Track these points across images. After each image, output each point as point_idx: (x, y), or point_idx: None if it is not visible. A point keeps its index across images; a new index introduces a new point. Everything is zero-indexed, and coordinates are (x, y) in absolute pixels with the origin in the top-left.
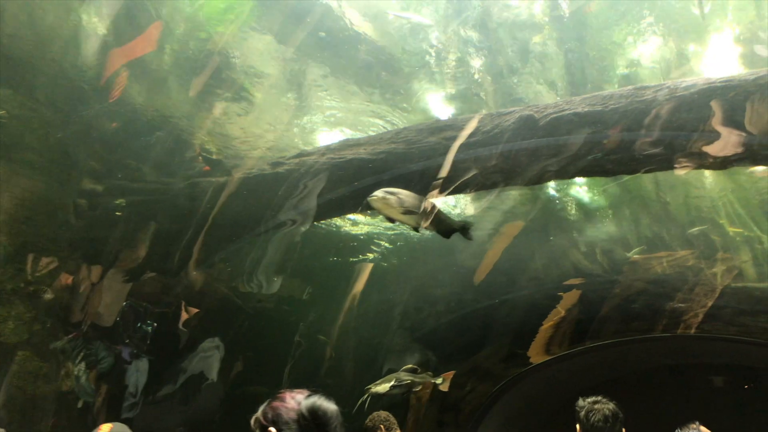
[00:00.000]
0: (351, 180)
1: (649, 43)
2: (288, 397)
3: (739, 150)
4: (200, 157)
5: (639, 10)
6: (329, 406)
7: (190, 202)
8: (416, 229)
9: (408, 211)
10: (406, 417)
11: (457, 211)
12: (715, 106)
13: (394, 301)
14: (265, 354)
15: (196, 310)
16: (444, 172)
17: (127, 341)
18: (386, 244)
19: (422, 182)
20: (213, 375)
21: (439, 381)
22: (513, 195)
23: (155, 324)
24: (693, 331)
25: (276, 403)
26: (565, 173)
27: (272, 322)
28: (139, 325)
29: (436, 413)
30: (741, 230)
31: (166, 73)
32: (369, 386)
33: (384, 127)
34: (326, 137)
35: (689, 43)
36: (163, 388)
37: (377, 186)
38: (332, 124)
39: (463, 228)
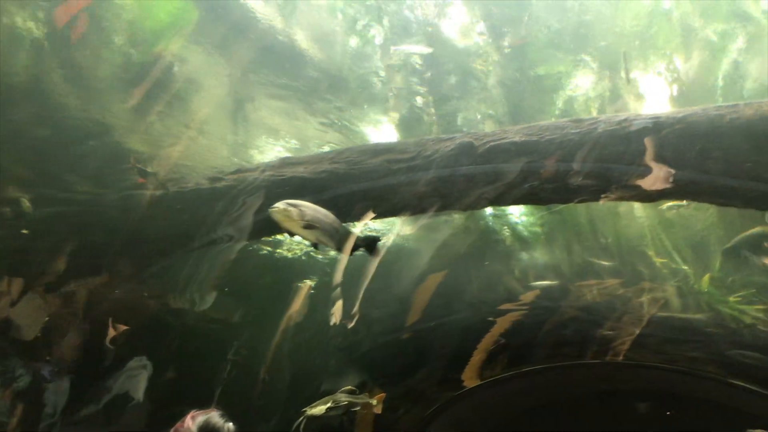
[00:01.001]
0: (290, 198)
1: (585, 78)
2: (188, 418)
3: (668, 185)
4: (135, 169)
5: (574, 45)
6: (221, 425)
7: (122, 215)
8: (315, 246)
9: (309, 226)
10: None
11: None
12: (646, 141)
13: (329, 323)
14: (196, 373)
15: (125, 327)
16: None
17: (47, 358)
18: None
19: (363, 203)
20: (139, 395)
21: (374, 402)
22: (454, 219)
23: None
24: (621, 358)
25: (177, 425)
26: (501, 200)
27: (204, 341)
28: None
29: None
30: (666, 260)
31: (103, 81)
32: (305, 408)
33: (328, 145)
34: (267, 154)
35: (622, 81)
36: (85, 408)
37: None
38: (273, 140)
39: (368, 245)
